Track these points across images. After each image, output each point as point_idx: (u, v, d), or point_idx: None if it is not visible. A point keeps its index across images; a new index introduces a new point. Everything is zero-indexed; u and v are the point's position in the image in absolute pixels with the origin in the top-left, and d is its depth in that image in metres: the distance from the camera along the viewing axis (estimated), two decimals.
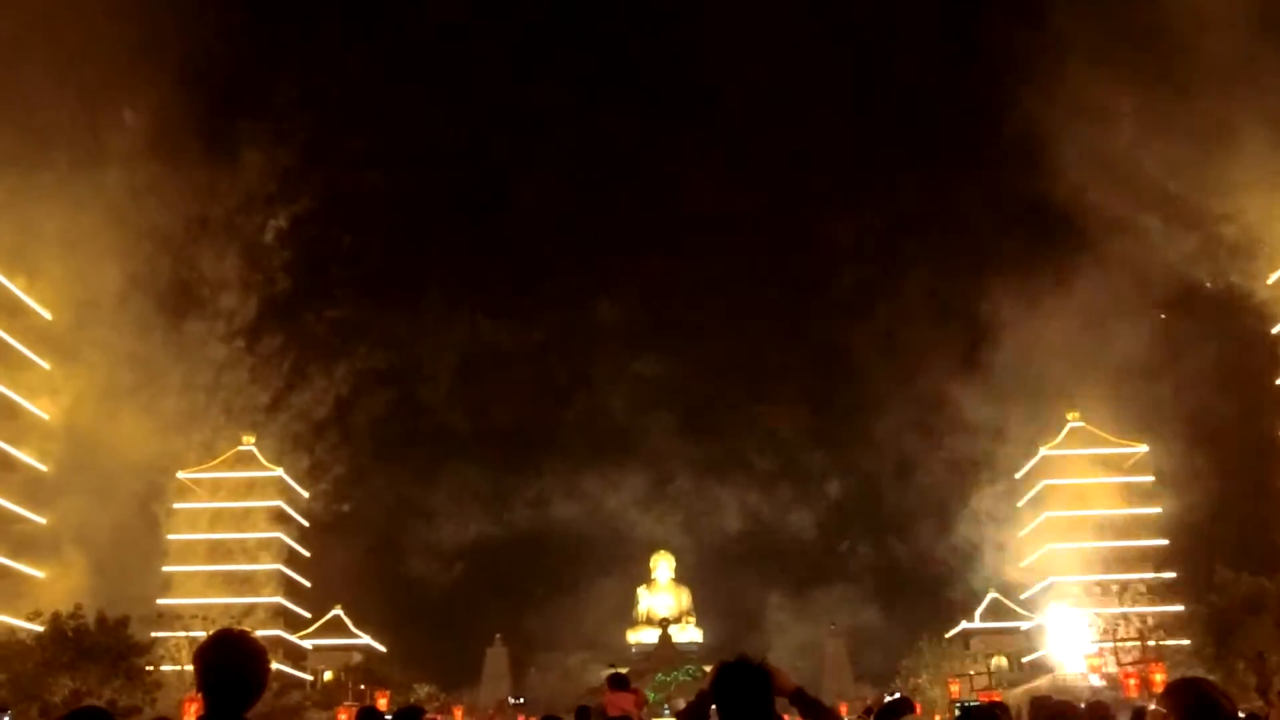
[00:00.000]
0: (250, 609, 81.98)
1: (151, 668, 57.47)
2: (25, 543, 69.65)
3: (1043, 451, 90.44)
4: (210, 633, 4.06)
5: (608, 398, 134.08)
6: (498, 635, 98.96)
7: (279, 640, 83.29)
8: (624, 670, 14.53)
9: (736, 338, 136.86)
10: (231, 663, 3.74)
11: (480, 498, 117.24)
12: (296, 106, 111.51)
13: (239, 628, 3.96)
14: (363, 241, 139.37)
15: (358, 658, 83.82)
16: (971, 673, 68.84)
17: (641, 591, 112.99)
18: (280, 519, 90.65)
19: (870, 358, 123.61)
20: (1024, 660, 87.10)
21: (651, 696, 68.28)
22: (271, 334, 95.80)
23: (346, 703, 64.26)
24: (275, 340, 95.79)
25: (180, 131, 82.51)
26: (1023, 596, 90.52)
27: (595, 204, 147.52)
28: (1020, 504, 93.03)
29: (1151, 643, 62.24)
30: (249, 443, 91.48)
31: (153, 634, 62.72)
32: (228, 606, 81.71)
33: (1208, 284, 79.70)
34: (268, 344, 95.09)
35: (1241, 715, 9.29)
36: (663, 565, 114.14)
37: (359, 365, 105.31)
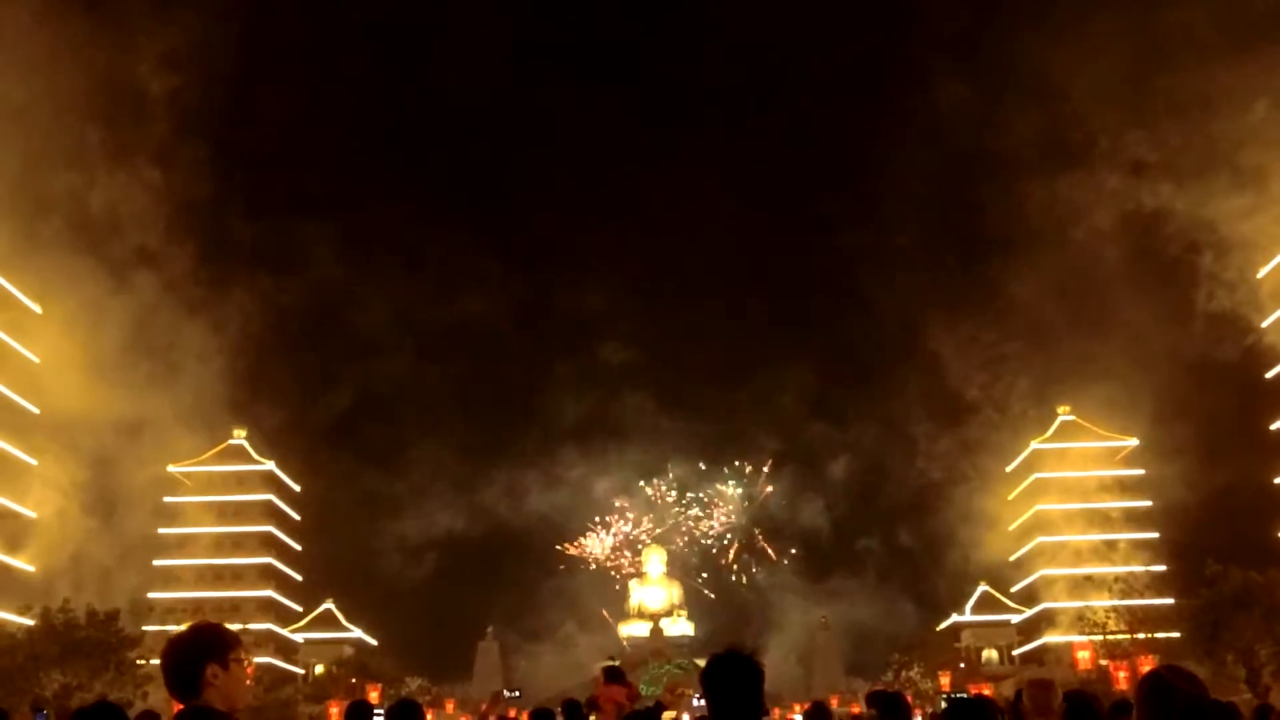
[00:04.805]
0: (240, 602, 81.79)
1: (142, 661, 57.28)
2: (15, 536, 69.43)
3: (1033, 445, 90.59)
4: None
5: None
6: (489, 629, 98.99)
7: (270, 634, 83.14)
8: (618, 663, 14.53)
9: (727, 327, 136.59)
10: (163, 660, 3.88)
11: (471, 490, 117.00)
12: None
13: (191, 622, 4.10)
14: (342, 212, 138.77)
15: (349, 651, 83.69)
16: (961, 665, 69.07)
17: (633, 585, 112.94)
18: (271, 513, 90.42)
19: (861, 359, 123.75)
20: (1014, 653, 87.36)
21: (645, 690, 68.28)
22: (256, 322, 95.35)
23: (338, 696, 64.23)
24: (261, 332, 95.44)
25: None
26: (1013, 589, 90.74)
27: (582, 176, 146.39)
28: (1011, 497, 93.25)
29: (1141, 635, 62.38)
30: (240, 436, 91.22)
31: (144, 627, 62.55)
32: (218, 600, 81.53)
33: (1200, 282, 79.83)
34: (255, 337, 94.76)
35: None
36: (654, 559, 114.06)
37: (346, 355, 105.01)
